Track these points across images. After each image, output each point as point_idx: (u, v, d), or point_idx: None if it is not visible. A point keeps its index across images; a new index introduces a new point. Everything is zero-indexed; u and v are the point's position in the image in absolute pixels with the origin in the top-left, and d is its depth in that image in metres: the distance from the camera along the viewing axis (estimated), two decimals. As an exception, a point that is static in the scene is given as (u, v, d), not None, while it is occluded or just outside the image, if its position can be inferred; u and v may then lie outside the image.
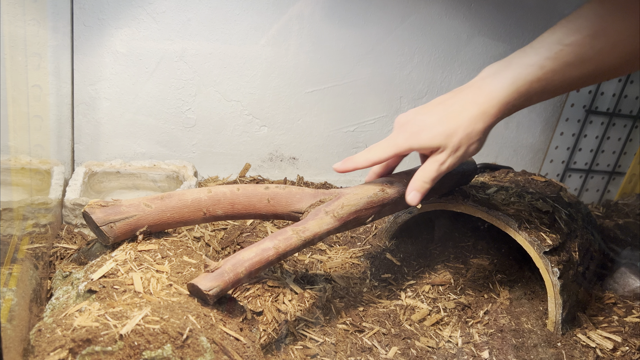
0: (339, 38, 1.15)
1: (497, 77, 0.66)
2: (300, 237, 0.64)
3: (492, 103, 0.65)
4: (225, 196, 0.68)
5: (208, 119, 1.14)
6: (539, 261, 0.78)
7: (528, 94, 0.65)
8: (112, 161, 1.06)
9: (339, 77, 1.19)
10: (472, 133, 0.66)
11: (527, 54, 0.65)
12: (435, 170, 0.68)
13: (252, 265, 0.59)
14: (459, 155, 0.67)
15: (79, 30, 0.99)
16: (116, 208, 0.63)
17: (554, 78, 0.63)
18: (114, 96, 1.06)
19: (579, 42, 0.61)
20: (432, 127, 0.67)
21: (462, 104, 0.66)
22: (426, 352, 0.74)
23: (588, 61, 0.62)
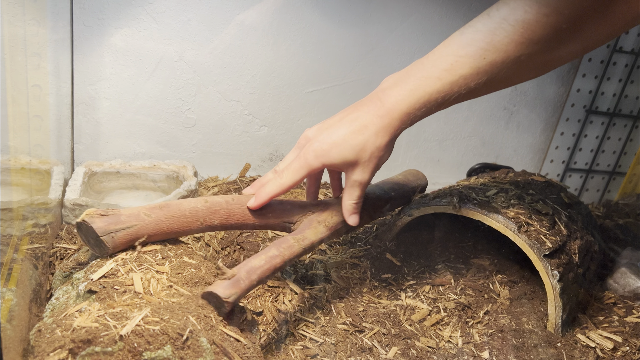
0: (339, 38, 1.15)
1: (397, 89, 0.68)
2: (300, 245, 0.68)
3: (394, 116, 0.67)
4: (222, 206, 0.69)
5: (208, 119, 1.14)
6: (539, 264, 0.78)
7: (428, 105, 0.67)
8: (112, 161, 1.06)
9: (339, 77, 1.19)
10: (381, 145, 0.68)
11: (424, 66, 0.68)
12: (356, 189, 0.71)
13: (263, 272, 0.62)
14: (372, 168, 0.70)
15: (79, 30, 0.99)
16: (116, 217, 0.62)
17: (451, 89, 0.66)
18: (114, 96, 1.06)
19: (472, 54, 0.65)
20: (340, 144, 0.68)
21: (366, 118, 0.68)
22: (426, 352, 0.74)
23: (481, 71, 0.65)
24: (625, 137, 1.45)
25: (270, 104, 1.17)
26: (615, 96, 1.38)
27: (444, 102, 0.68)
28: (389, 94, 0.68)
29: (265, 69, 1.13)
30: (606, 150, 1.46)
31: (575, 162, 1.46)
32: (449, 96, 0.67)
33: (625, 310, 0.91)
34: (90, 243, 0.62)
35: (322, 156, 0.68)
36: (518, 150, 1.41)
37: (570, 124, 1.40)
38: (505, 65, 0.65)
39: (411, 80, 0.68)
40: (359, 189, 0.71)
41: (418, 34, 1.20)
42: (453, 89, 0.66)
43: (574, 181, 1.48)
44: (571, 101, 1.37)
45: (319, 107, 1.21)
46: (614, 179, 1.51)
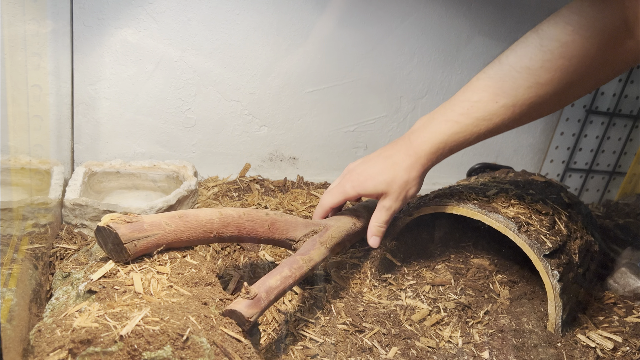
0: (339, 38, 1.15)
1: (423, 131, 0.78)
2: (308, 265, 0.72)
3: (420, 154, 0.78)
4: (234, 219, 0.72)
5: (208, 119, 1.14)
6: (539, 264, 0.78)
7: (449, 145, 0.77)
8: (112, 161, 1.06)
9: (339, 77, 1.19)
10: (408, 180, 0.79)
11: (446, 110, 0.77)
12: (385, 215, 0.81)
13: (279, 292, 0.65)
14: (401, 199, 0.80)
15: (79, 30, 0.99)
16: (140, 225, 0.62)
17: (466, 129, 0.75)
18: (114, 96, 1.06)
19: (484, 99, 0.74)
20: (374, 177, 0.79)
21: (398, 157, 0.79)
22: (426, 352, 0.74)
23: (494, 114, 0.74)
24: (625, 137, 1.45)
25: (270, 104, 1.17)
26: (615, 96, 1.38)
27: (464, 140, 0.77)
28: (416, 136, 0.79)
29: (265, 69, 1.13)
30: (606, 150, 1.46)
31: (575, 162, 1.46)
32: (467, 136, 0.76)
33: (625, 310, 0.91)
34: (108, 248, 0.61)
35: (358, 186, 0.80)
36: (518, 150, 1.41)
37: (570, 123, 1.40)
38: (517, 107, 0.73)
39: (434, 123, 0.77)
40: (386, 214, 0.80)
41: (418, 34, 1.20)
42: (468, 129, 0.75)
43: (574, 181, 1.48)
44: (571, 101, 1.37)
45: (319, 107, 1.21)
46: (614, 179, 1.51)
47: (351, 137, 1.27)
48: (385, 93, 1.24)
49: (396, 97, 1.26)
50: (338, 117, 1.23)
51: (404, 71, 1.23)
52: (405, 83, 1.24)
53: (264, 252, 0.90)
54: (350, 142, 1.27)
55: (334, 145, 1.26)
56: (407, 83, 1.24)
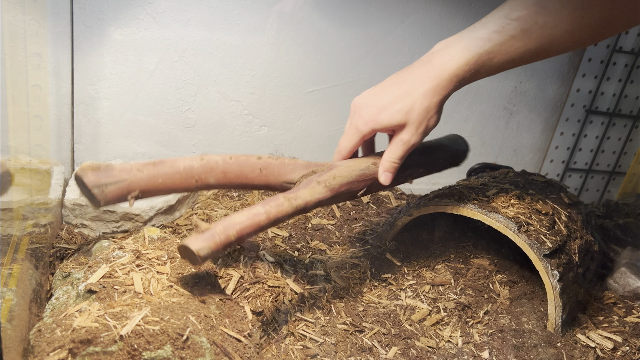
0: (339, 38, 1.15)
1: (448, 50, 0.68)
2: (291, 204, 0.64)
3: (444, 76, 0.67)
4: (218, 164, 0.67)
5: (208, 119, 1.14)
6: (539, 264, 0.78)
7: (477, 67, 0.67)
8: (112, 161, 1.06)
9: (339, 77, 1.19)
10: (429, 107, 0.68)
11: (476, 29, 0.68)
12: (400, 149, 0.71)
13: (243, 228, 0.59)
14: (421, 130, 0.70)
15: (79, 30, 0.99)
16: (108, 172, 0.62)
17: (500, 50, 0.66)
18: (114, 96, 1.06)
19: (524, 17, 0.65)
20: (389, 106, 0.69)
21: (416, 80, 0.69)
22: (426, 352, 0.74)
23: (532, 35, 0.65)
24: (625, 137, 1.45)
25: (270, 104, 1.17)
26: (615, 96, 1.38)
27: (492, 64, 0.67)
28: (438, 56, 0.68)
29: (265, 69, 1.13)
30: (606, 150, 1.46)
31: (575, 162, 1.46)
32: (497, 59, 0.67)
33: (625, 310, 0.91)
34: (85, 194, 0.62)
35: (370, 121, 0.70)
36: (518, 150, 1.41)
37: (570, 124, 1.40)
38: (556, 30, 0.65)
39: (462, 41, 0.68)
40: (402, 148, 0.71)
41: (418, 34, 1.20)
42: (502, 50, 0.66)
43: (574, 181, 1.48)
44: (571, 101, 1.37)
45: (319, 107, 1.21)
46: (613, 179, 1.51)
47: (351, 137, 1.27)
48: (385, 93, 1.24)
49: (396, 97, 1.25)
50: (338, 117, 1.23)
51: (404, 71, 1.23)
52: (405, 83, 1.24)
53: (264, 252, 0.90)
54: (350, 142, 1.27)
55: (334, 145, 1.25)
56: (407, 83, 1.24)
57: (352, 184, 0.72)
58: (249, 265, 0.84)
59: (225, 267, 0.83)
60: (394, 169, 0.73)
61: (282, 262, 0.87)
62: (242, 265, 0.83)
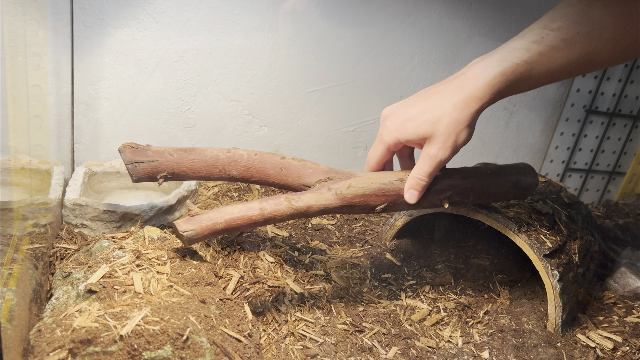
0: (339, 38, 1.15)
1: (483, 61, 0.65)
2: (291, 204, 0.63)
3: (478, 85, 0.63)
4: (242, 158, 0.71)
5: (208, 119, 1.14)
6: (539, 264, 0.78)
7: (514, 77, 0.64)
8: (112, 161, 1.06)
9: (339, 77, 1.19)
10: (460, 119, 0.63)
11: (513, 41, 0.65)
12: (427, 164, 0.66)
13: (234, 219, 0.61)
14: (450, 145, 0.65)
15: (79, 30, 0.99)
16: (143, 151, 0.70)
17: (540, 61, 0.63)
18: (114, 96, 1.06)
19: (564, 27, 0.62)
20: (416, 117, 0.65)
21: (447, 91, 0.65)
22: (426, 352, 0.74)
23: (573, 45, 0.62)
24: (625, 137, 1.45)
25: (270, 104, 1.17)
26: (615, 96, 1.38)
27: (531, 76, 0.64)
28: (473, 68, 0.65)
29: (265, 69, 1.13)
30: (606, 150, 1.46)
31: (575, 162, 1.46)
32: (536, 70, 0.63)
33: (625, 310, 0.91)
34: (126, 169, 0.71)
35: (395, 130, 0.66)
36: (518, 150, 1.41)
37: (570, 124, 1.40)
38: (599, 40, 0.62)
39: (498, 53, 0.65)
40: (429, 163, 0.65)
41: (418, 34, 1.20)
42: (542, 61, 0.63)
43: (574, 181, 1.48)
44: (571, 101, 1.37)
45: (319, 107, 1.21)
46: (613, 179, 1.51)
47: (351, 137, 1.27)
48: (385, 93, 1.24)
49: (396, 97, 1.25)
50: (338, 117, 1.23)
51: (404, 71, 1.23)
52: (405, 83, 1.24)
53: (264, 252, 0.90)
54: (350, 142, 1.27)
55: (334, 145, 1.26)
56: (407, 83, 1.24)
57: (368, 197, 0.68)
58: (249, 265, 0.84)
59: (225, 267, 0.83)
60: (421, 187, 0.67)
61: (282, 262, 0.87)
62: (242, 265, 0.83)
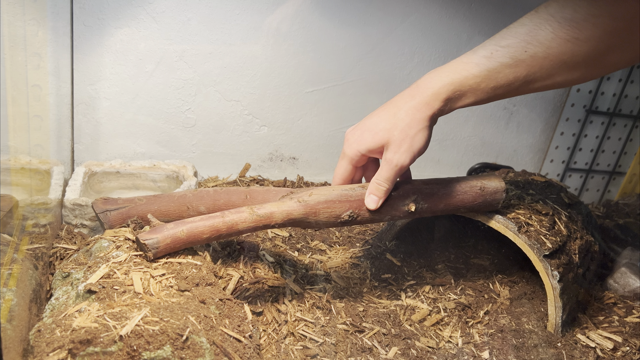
0: (339, 38, 1.15)
1: (435, 72, 0.69)
2: (253, 211, 0.65)
3: (427, 93, 0.67)
4: (209, 193, 0.76)
5: (208, 119, 1.14)
6: (539, 264, 0.78)
7: (462, 89, 0.67)
8: (112, 161, 1.06)
9: (339, 77, 1.19)
10: (412, 123, 0.67)
11: (466, 55, 0.68)
12: (387, 170, 0.69)
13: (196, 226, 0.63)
14: (405, 149, 0.68)
15: (79, 30, 0.99)
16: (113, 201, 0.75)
17: (488, 75, 0.66)
18: (114, 96, 1.06)
19: (513, 45, 0.65)
20: (373, 127, 0.69)
21: (400, 101, 0.69)
22: (426, 352, 0.74)
23: (521, 64, 0.65)
24: (625, 137, 1.45)
25: (270, 104, 1.17)
26: (615, 96, 1.38)
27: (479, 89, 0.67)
28: (425, 78, 0.69)
29: (265, 69, 1.13)
30: (606, 150, 1.46)
31: (575, 162, 1.45)
32: (485, 84, 0.66)
33: (625, 310, 0.91)
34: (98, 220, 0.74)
35: (355, 143, 0.70)
36: (518, 150, 1.41)
37: (570, 123, 1.40)
38: (546, 61, 0.65)
39: (450, 66, 0.68)
40: (387, 168, 0.68)
41: (418, 34, 1.20)
42: (490, 76, 0.66)
43: (574, 181, 1.48)
44: (571, 101, 1.37)
45: (319, 107, 1.21)
46: (614, 179, 1.51)
47: (351, 137, 1.27)
48: (385, 93, 1.24)
49: (396, 97, 1.25)
50: (338, 117, 1.23)
51: (404, 71, 1.23)
52: (405, 83, 1.24)
53: (264, 252, 0.90)
54: (350, 142, 1.27)
55: (334, 145, 1.26)
56: (407, 83, 1.24)
57: (331, 203, 0.69)
58: (249, 265, 0.84)
59: (225, 267, 0.83)
60: (381, 192, 0.70)
61: (282, 262, 0.87)
62: (242, 265, 0.83)
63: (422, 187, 0.75)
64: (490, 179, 0.80)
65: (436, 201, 0.76)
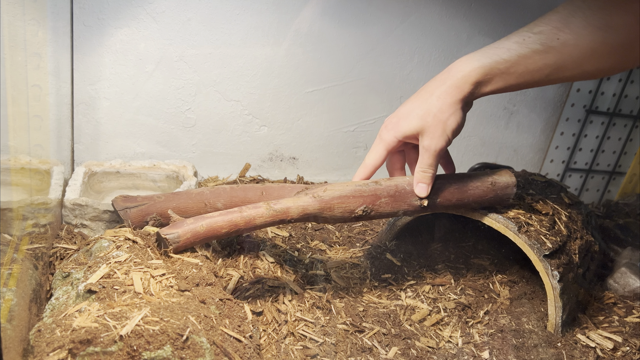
0: (339, 38, 1.15)
1: (466, 58, 0.70)
2: (269, 207, 0.66)
3: (457, 77, 0.69)
4: (225, 190, 0.77)
5: (208, 119, 1.14)
6: (539, 264, 0.78)
7: (492, 72, 0.68)
8: (112, 161, 1.06)
9: (339, 77, 1.19)
10: (443, 107, 0.69)
11: (500, 41, 0.70)
12: (427, 157, 0.71)
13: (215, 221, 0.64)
14: (439, 134, 0.70)
15: (79, 30, 0.99)
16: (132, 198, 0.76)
17: (518, 61, 0.67)
18: (114, 96, 1.06)
19: (546, 32, 0.66)
20: (408, 114, 0.72)
21: (432, 86, 0.71)
22: (426, 352, 0.74)
23: (552, 50, 0.66)
24: (625, 137, 1.45)
25: (270, 104, 1.17)
26: (615, 96, 1.38)
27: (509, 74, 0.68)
28: (456, 63, 0.70)
29: (265, 69, 1.13)
30: (606, 150, 1.46)
31: (575, 162, 1.45)
32: (514, 69, 0.67)
33: (625, 310, 0.91)
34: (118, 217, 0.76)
35: (393, 129, 0.73)
36: (518, 150, 1.41)
37: (570, 123, 1.40)
38: (577, 49, 0.65)
39: (482, 51, 0.70)
40: (427, 155, 0.71)
41: (418, 34, 1.20)
42: (520, 61, 0.67)
43: (574, 181, 1.48)
44: (571, 101, 1.37)
45: (319, 107, 1.21)
46: (614, 179, 1.51)
47: (351, 137, 1.27)
48: (385, 93, 1.24)
49: (396, 97, 1.25)
50: (338, 117, 1.23)
51: (404, 71, 1.23)
52: (405, 83, 1.24)
53: (264, 252, 0.90)
54: (350, 142, 1.27)
55: (334, 145, 1.26)
56: (407, 83, 1.24)
57: (345, 198, 0.70)
58: (249, 265, 0.84)
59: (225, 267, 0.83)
60: (428, 179, 0.72)
61: (282, 262, 0.87)
62: (242, 265, 0.83)
63: (434, 182, 0.76)
64: (501, 174, 0.81)
65: (448, 196, 0.77)
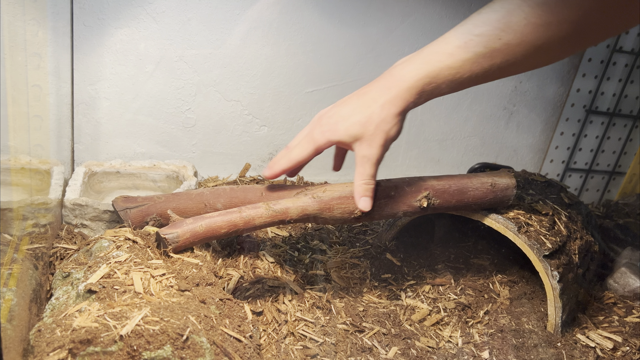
0: (339, 38, 1.15)
1: (408, 63, 0.67)
2: (269, 207, 0.66)
3: (403, 87, 0.66)
4: (225, 191, 0.77)
5: (208, 119, 1.14)
6: (539, 265, 0.78)
7: (438, 80, 0.66)
8: (112, 161, 1.06)
9: (339, 77, 1.19)
10: (387, 118, 0.66)
11: (438, 44, 0.66)
12: (369, 167, 0.68)
13: (214, 221, 0.65)
14: (381, 143, 0.67)
15: (79, 30, 0.99)
16: (133, 198, 0.76)
17: (463, 66, 0.65)
18: (114, 96, 1.06)
19: (487, 33, 0.63)
20: (347, 118, 0.67)
21: (375, 92, 0.68)
22: (426, 352, 0.74)
23: (496, 52, 0.64)
24: (625, 137, 1.45)
25: (270, 104, 1.17)
26: (615, 96, 1.38)
27: (454, 80, 0.66)
28: (399, 69, 0.67)
29: (265, 69, 1.13)
30: (606, 150, 1.46)
31: (575, 162, 1.45)
32: (460, 75, 0.65)
33: (625, 310, 0.91)
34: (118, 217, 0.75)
35: (328, 131, 0.68)
36: (518, 150, 1.41)
37: (570, 123, 1.40)
38: (520, 47, 0.63)
39: (422, 55, 0.67)
40: (369, 165, 0.68)
41: (418, 34, 1.20)
42: (465, 66, 0.65)
43: (574, 181, 1.48)
44: (571, 101, 1.37)
45: (319, 107, 1.20)
46: (613, 179, 1.51)
47: (351, 137, 1.27)
48: (385, 93, 1.24)
49: (396, 97, 1.25)
50: (338, 117, 1.23)
51: (404, 71, 1.23)
52: (405, 83, 1.24)
53: (264, 252, 0.90)
54: (350, 142, 1.27)
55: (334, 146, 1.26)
56: (407, 83, 1.24)
57: (345, 199, 0.70)
58: (249, 265, 0.84)
59: (225, 267, 0.83)
60: (370, 191, 0.69)
61: (282, 262, 0.87)
62: (242, 265, 0.83)
63: (434, 184, 0.76)
64: (501, 175, 0.81)
65: (448, 197, 0.76)
